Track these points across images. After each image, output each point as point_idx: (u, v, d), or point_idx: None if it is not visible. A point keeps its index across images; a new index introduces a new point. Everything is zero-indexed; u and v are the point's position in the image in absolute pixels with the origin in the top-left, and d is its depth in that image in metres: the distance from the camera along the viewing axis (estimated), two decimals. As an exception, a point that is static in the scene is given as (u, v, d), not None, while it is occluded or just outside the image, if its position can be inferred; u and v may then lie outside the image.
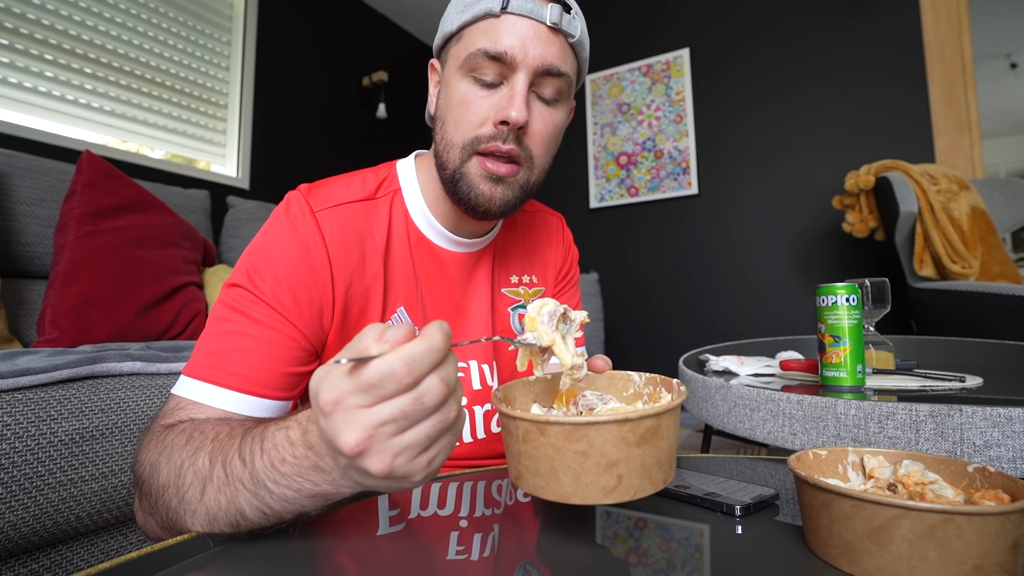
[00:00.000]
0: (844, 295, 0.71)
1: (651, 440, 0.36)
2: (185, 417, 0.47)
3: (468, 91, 0.55)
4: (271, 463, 0.36)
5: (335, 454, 0.33)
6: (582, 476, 0.35)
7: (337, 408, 0.30)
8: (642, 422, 0.35)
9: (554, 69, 0.55)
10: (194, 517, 0.40)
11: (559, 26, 0.54)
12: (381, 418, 0.30)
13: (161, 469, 0.42)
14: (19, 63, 1.69)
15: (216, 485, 0.38)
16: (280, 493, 0.36)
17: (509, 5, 0.53)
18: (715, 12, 2.67)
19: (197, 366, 0.49)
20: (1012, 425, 0.51)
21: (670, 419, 0.37)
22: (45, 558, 0.62)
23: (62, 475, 0.61)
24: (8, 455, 0.57)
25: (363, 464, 0.31)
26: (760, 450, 1.76)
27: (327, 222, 0.56)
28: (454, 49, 0.57)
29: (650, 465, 0.36)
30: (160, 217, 1.41)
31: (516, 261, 0.72)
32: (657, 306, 2.76)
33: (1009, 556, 0.27)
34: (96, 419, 0.65)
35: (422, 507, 0.46)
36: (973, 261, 1.62)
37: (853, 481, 0.38)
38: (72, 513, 0.62)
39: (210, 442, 0.41)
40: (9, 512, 0.56)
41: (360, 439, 0.30)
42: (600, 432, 0.34)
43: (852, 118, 2.33)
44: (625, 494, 0.36)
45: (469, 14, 0.55)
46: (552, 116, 0.58)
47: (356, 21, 3.05)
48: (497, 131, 0.55)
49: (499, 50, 0.53)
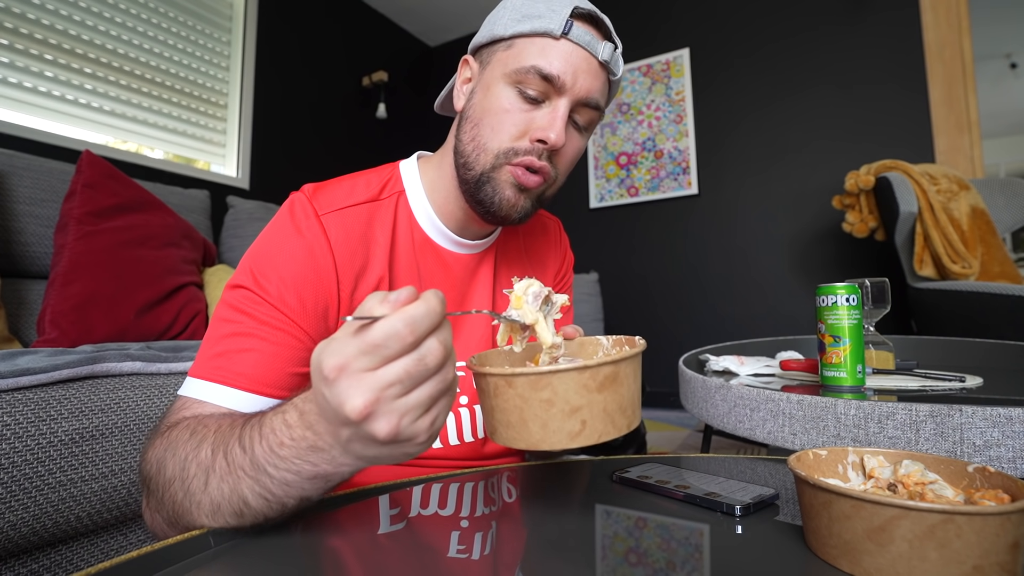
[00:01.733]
0: (844, 295, 0.71)
1: (611, 386, 0.38)
2: (190, 415, 0.47)
3: (511, 102, 0.56)
4: (270, 448, 0.37)
5: (338, 425, 0.33)
6: (549, 423, 0.38)
7: (343, 373, 0.31)
8: (600, 369, 0.37)
9: (593, 102, 0.57)
10: (199, 509, 0.40)
11: (608, 64, 0.57)
12: (387, 379, 0.31)
13: (167, 464, 0.43)
14: (19, 63, 1.69)
15: (219, 474, 0.39)
16: (280, 477, 0.37)
17: (571, 32, 0.55)
18: (715, 12, 2.68)
19: (203, 367, 0.50)
20: (1012, 425, 0.51)
21: (628, 367, 0.39)
22: (45, 558, 0.62)
23: (62, 475, 0.61)
24: (8, 455, 0.57)
25: (370, 428, 0.32)
26: (760, 450, 1.76)
27: (332, 226, 0.56)
28: (502, 55, 0.58)
29: (612, 410, 0.39)
30: (160, 217, 1.41)
31: (517, 263, 0.73)
32: (657, 306, 2.76)
33: (1009, 556, 0.27)
34: (96, 419, 0.65)
35: (423, 506, 0.46)
36: (973, 261, 1.62)
37: (853, 481, 0.38)
38: (72, 513, 0.62)
39: (212, 434, 0.42)
40: (9, 512, 0.56)
41: (368, 402, 0.31)
42: (562, 380, 0.37)
43: (852, 118, 2.33)
44: (590, 437, 0.38)
45: (527, 26, 0.56)
46: (580, 142, 0.61)
47: (356, 21, 3.05)
48: (533, 147, 0.56)
49: (552, 72, 0.55)
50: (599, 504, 0.45)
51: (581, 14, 0.56)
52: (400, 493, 0.49)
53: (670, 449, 1.90)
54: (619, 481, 0.49)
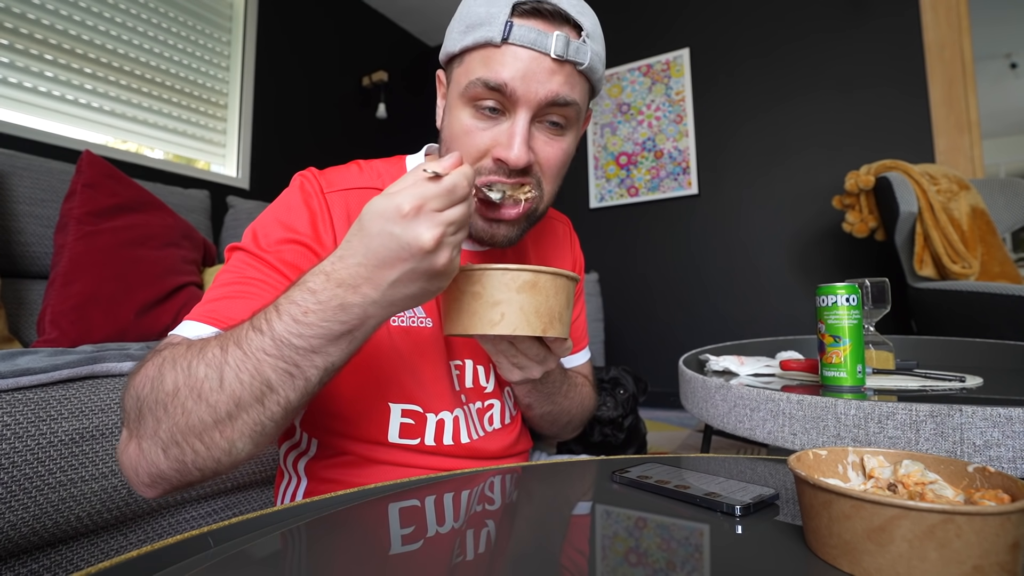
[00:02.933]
0: (844, 295, 0.71)
1: (529, 291, 0.46)
2: (175, 342, 0.46)
3: (469, 122, 0.54)
4: (292, 319, 0.40)
5: (397, 263, 0.39)
6: (476, 312, 0.46)
7: (421, 212, 0.39)
8: (521, 274, 0.45)
9: (560, 100, 0.52)
10: (215, 410, 0.40)
11: (564, 57, 0.51)
12: (448, 219, 0.39)
13: (166, 377, 0.41)
14: (19, 63, 1.69)
15: (235, 365, 0.40)
16: (306, 344, 0.40)
17: (511, 36, 0.50)
18: (715, 12, 2.68)
19: (197, 312, 0.50)
20: (1012, 425, 0.51)
21: (548, 280, 0.46)
22: (45, 558, 0.62)
23: (62, 475, 0.61)
24: (8, 455, 0.57)
25: (434, 258, 0.40)
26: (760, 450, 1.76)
27: (335, 203, 0.57)
28: (456, 72, 0.55)
29: (528, 311, 0.46)
30: (160, 217, 1.41)
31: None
32: (657, 306, 2.76)
33: (1009, 556, 0.27)
34: (96, 419, 0.65)
35: (422, 507, 0.46)
36: (973, 261, 1.62)
37: (853, 481, 0.38)
38: (72, 513, 0.62)
39: (214, 338, 0.42)
40: (9, 512, 0.56)
41: (438, 235, 0.39)
42: (489, 277, 0.45)
43: (852, 118, 2.33)
44: (506, 328, 0.46)
45: (471, 38, 0.52)
46: (559, 144, 0.56)
47: (356, 21, 3.05)
48: (497, 167, 0.53)
49: (499, 82, 0.50)
50: (599, 504, 0.45)
51: (524, 10, 0.51)
52: (400, 493, 0.49)
53: (670, 449, 1.90)
54: (619, 481, 0.49)
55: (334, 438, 0.61)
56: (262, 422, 0.41)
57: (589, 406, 0.79)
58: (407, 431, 0.59)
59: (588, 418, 0.81)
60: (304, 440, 0.63)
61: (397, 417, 0.59)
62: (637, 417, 1.28)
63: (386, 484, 0.51)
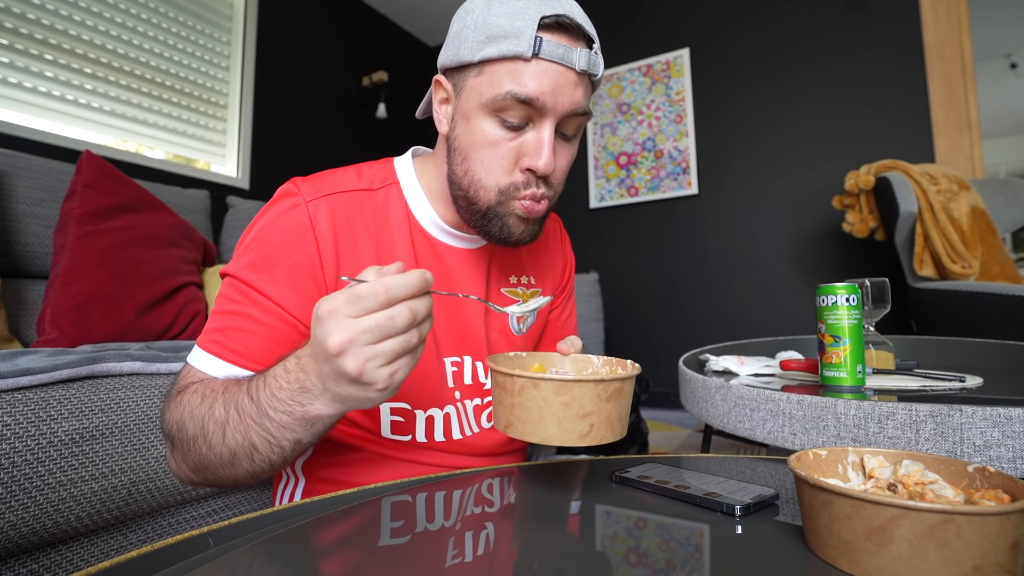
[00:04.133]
0: (844, 295, 0.71)
1: (616, 398, 0.45)
2: (197, 380, 0.54)
3: (494, 133, 0.55)
4: (271, 392, 0.45)
5: (322, 360, 0.41)
6: (563, 423, 0.44)
7: (331, 316, 0.39)
8: (612, 383, 0.45)
9: (580, 110, 0.55)
10: (221, 456, 0.48)
11: (587, 71, 0.54)
12: (361, 327, 0.39)
13: (187, 426, 0.50)
14: (19, 63, 1.69)
15: (232, 426, 0.47)
16: (278, 419, 0.45)
17: (541, 51, 0.52)
18: (715, 12, 2.68)
19: (206, 339, 0.55)
20: (1012, 425, 0.51)
21: (629, 385, 0.47)
22: (45, 558, 0.62)
23: (62, 475, 0.61)
24: (8, 455, 0.57)
25: (342, 363, 0.39)
26: (760, 450, 1.76)
27: (318, 211, 0.58)
28: (474, 82, 0.55)
29: (614, 418, 0.46)
30: (160, 217, 1.41)
31: (514, 263, 0.72)
32: (657, 306, 2.76)
33: (1009, 556, 0.27)
34: (96, 419, 0.65)
35: (422, 506, 0.46)
36: (973, 261, 1.62)
37: (853, 481, 0.38)
38: (72, 513, 0.62)
39: (222, 395, 0.49)
40: (9, 512, 0.56)
41: (343, 340, 0.38)
42: (582, 388, 0.44)
43: (852, 118, 2.33)
44: (594, 439, 0.45)
45: (494, 50, 0.53)
46: (571, 150, 0.60)
47: (356, 21, 3.05)
48: (526, 178, 0.56)
49: (530, 96, 0.52)
50: (599, 504, 0.45)
51: (549, 24, 0.52)
52: (400, 493, 0.49)
53: (670, 449, 1.90)
54: (619, 481, 0.49)
55: (330, 436, 0.61)
56: (253, 471, 0.49)
57: None
58: (398, 428, 0.61)
59: None
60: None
61: (387, 415, 0.60)
62: (639, 416, 1.28)
63: (385, 484, 0.51)
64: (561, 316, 0.80)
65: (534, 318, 0.73)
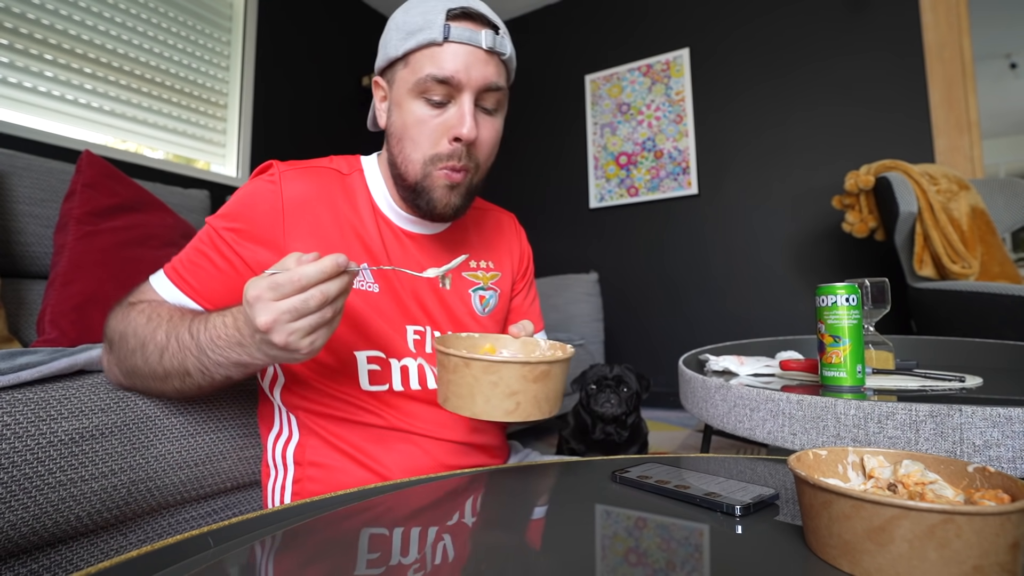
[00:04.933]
0: (844, 295, 0.71)
1: (543, 380, 0.49)
2: (147, 300, 0.64)
3: (421, 112, 0.63)
4: (211, 338, 0.54)
5: (252, 332, 0.50)
6: (491, 400, 0.48)
7: (257, 301, 0.47)
8: (538, 366, 0.49)
9: (493, 85, 0.63)
10: (153, 374, 0.60)
11: (494, 48, 0.62)
12: (281, 309, 0.47)
13: (128, 339, 0.60)
14: (19, 63, 1.69)
15: (171, 352, 0.57)
16: (215, 358, 0.55)
17: (450, 35, 0.61)
18: (715, 12, 2.68)
19: (169, 267, 0.66)
20: (1012, 425, 0.51)
21: (558, 368, 0.50)
22: (45, 558, 0.62)
23: (62, 475, 0.61)
24: (8, 455, 0.57)
25: (270, 338, 0.48)
26: (760, 450, 1.76)
27: (287, 180, 0.66)
28: (402, 72, 0.64)
29: (540, 398, 0.49)
30: (160, 217, 1.41)
31: (471, 251, 0.79)
32: (657, 306, 2.76)
33: (1009, 556, 0.27)
34: (96, 419, 0.65)
35: (422, 506, 0.46)
36: (973, 261, 1.62)
37: (853, 481, 0.38)
38: (72, 513, 0.62)
39: (166, 322, 0.58)
40: (9, 512, 0.56)
41: (268, 321, 0.47)
42: (509, 369, 0.48)
43: (852, 118, 2.33)
44: (520, 416, 0.49)
45: (413, 41, 0.62)
46: (495, 124, 0.67)
47: (356, 21, 3.05)
48: (453, 148, 0.63)
49: (446, 75, 0.61)
50: (599, 504, 0.45)
51: (456, 14, 0.61)
52: (397, 492, 0.49)
53: (670, 449, 1.90)
54: (619, 481, 0.49)
55: (312, 404, 0.68)
56: (181, 390, 0.61)
57: None
58: (376, 377, 0.67)
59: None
60: (285, 424, 0.70)
61: (364, 364, 0.67)
62: (639, 416, 1.28)
63: (384, 484, 0.51)
64: (524, 302, 0.87)
65: (496, 299, 0.79)
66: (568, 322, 2.39)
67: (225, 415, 0.79)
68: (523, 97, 3.27)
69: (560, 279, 2.49)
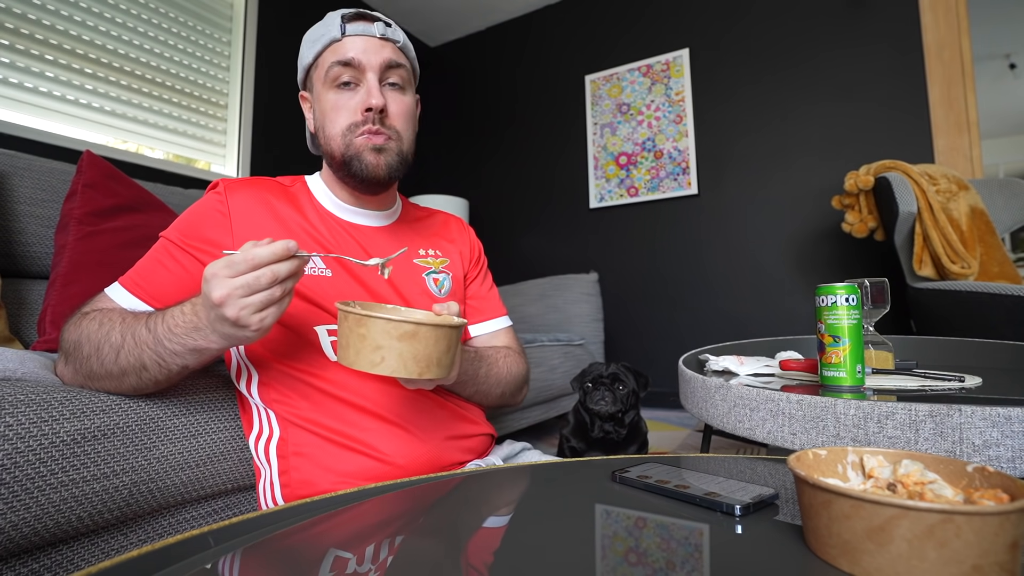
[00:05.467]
0: (843, 295, 0.71)
1: (410, 340, 0.52)
2: (99, 308, 0.67)
3: (335, 98, 0.73)
4: (168, 327, 0.58)
5: (209, 308, 0.54)
6: (360, 352, 0.52)
7: (213, 277, 0.53)
8: (404, 324, 0.52)
9: (394, 62, 0.73)
10: (110, 375, 0.63)
11: (386, 36, 0.73)
12: (235, 285, 0.52)
13: (83, 346, 0.64)
14: (19, 63, 1.69)
15: (127, 350, 0.61)
16: (171, 347, 0.59)
17: (347, 31, 0.72)
18: (715, 12, 2.68)
19: (127, 279, 0.71)
20: (1011, 425, 0.51)
21: (428, 332, 0.53)
22: (45, 558, 0.62)
23: (64, 475, 0.61)
24: (10, 455, 0.57)
25: (223, 311, 0.53)
26: (760, 450, 1.76)
27: (233, 194, 0.73)
28: (315, 74, 0.75)
29: (407, 356, 0.52)
30: (160, 217, 1.41)
31: (419, 240, 0.86)
32: (657, 306, 2.76)
33: (1008, 556, 0.27)
34: (97, 419, 0.65)
35: (422, 505, 0.46)
36: (972, 261, 1.63)
37: (853, 481, 0.38)
38: (73, 514, 0.62)
39: (119, 324, 0.62)
40: (11, 512, 0.56)
41: (222, 295, 0.52)
42: (374, 324, 0.51)
43: (851, 118, 2.34)
44: (385, 370, 0.52)
45: (319, 45, 0.73)
46: (404, 98, 0.76)
47: (356, 21, 3.05)
48: (365, 118, 0.71)
49: (348, 57, 0.71)
50: (599, 504, 0.45)
51: (349, 16, 0.73)
52: (397, 492, 0.49)
53: (670, 449, 1.91)
54: (619, 481, 0.49)
55: (285, 396, 0.71)
56: (138, 386, 0.65)
57: (518, 372, 0.89)
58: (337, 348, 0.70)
59: (523, 382, 0.92)
60: (265, 422, 0.73)
61: (326, 336, 0.72)
62: (639, 415, 1.28)
63: (384, 484, 0.52)
64: (481, 288, 0.93)
65: (449, 281, 0.85)
66: (568, 322, 2.39)
67: (225, 416, 0.79)
68: (523, 97, 3.27)
69: (560, 279, 2.49)
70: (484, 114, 3.43)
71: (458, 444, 0.76)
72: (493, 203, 3.30)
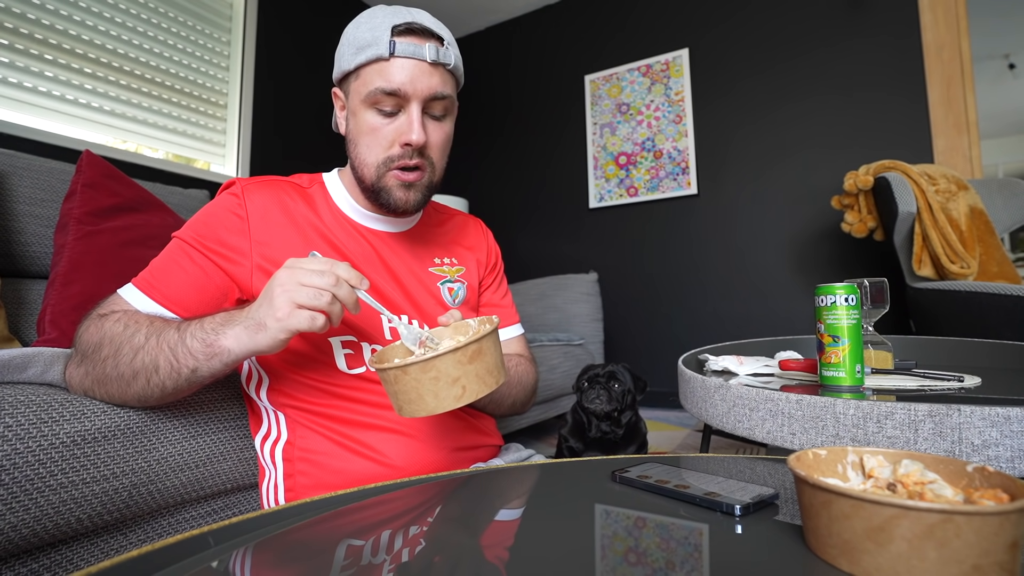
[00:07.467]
0: (843, 295, 0.71)
1: (479, 358, 0.51)
2: (120, 310, 0.65)
3: (374, 121, 0.69)
4: (200, 324, 0.59)
5: (267, 289, 0.57)
6: (439, 393, 0.50)
7: (283, 290, 0.55)
8: (469, 347, 0.50)
9: (439, 94, 0.68)
10: (122, 377, 0.61)
11: (438, 60, 0.67)
12: (303, 265, 0.56)
13: (103, 348, 0.62)
14: (19, 63, 1.69)
15: (147, 350, 0.59)
16: (190, 344, 0.58)
17: (396, 50, 0.65)
18: (715, 12, 2.68)
19: (141, 281, 0.68)
20: (1010, 425, 0.51)
21: (488, 341, 0.52)
22: (45, 558, 0.62)
23: (63, 477, 0.61)
24: (10, 456, 0.57)
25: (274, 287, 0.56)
26: (759, 450, 1.76)
27: (250, 195, 0.71)
28: (354, 84, 0.70)
29: (482, 374, 0.51)
30: (160, 217, 1.41)
31: (436, 248, 0.84)
32: (657, 306, 2.77)
33: (1008, 555, 0.28)
34: (97, 421, 0.65)
35: (421, 505, 0.46)
36: (971, 261, 1.63)
37: (852, 481, 0.38)
38: (73, 515, 0.62)
39: (145, 327, 0.61)
40: (10, 514, 0.56)
41: (289, 270, 0.56)
42: (443, 360, 0.49)
43: (851, 118, 2.34)
44: (470, 397, 0.50)
45: (363, 56, 0.67)
46: (443, 128, 0.72)
47: (355, 21, 3.05)
48: (403, 151, 0.68)
49: (393, 87, 0.66)
50: (599, 504, 0.45)
51: (401, 30, 0.66)
52: (396, 492, 0.49)
53: (670, 449, 1.91)
54: (619, 481, 0.49)
55: (297, 400, 0.71)
56: (143, 395, 0.62)
57: (529, 381, 0.89)
58: (351, 361, 0.71)
59: (534, 390, 0.91)
60: (274, 423, 0.72)
61: (340, 349, 0.71)
62: (637, 415, 1.28)
63: (384, 484, 0.52)
64: (495, 296, 0.92)
65: (464, 291, 0.84)
66: (568, 322, 2.39)
67: (225, 416, 0.79)
68: (523, 97, 3.27)
69: (560, 279, 2.49)
70: (484, 114, 3.43)
71: (467, 455, 0.75)
72: (493, 203, 3.30)
